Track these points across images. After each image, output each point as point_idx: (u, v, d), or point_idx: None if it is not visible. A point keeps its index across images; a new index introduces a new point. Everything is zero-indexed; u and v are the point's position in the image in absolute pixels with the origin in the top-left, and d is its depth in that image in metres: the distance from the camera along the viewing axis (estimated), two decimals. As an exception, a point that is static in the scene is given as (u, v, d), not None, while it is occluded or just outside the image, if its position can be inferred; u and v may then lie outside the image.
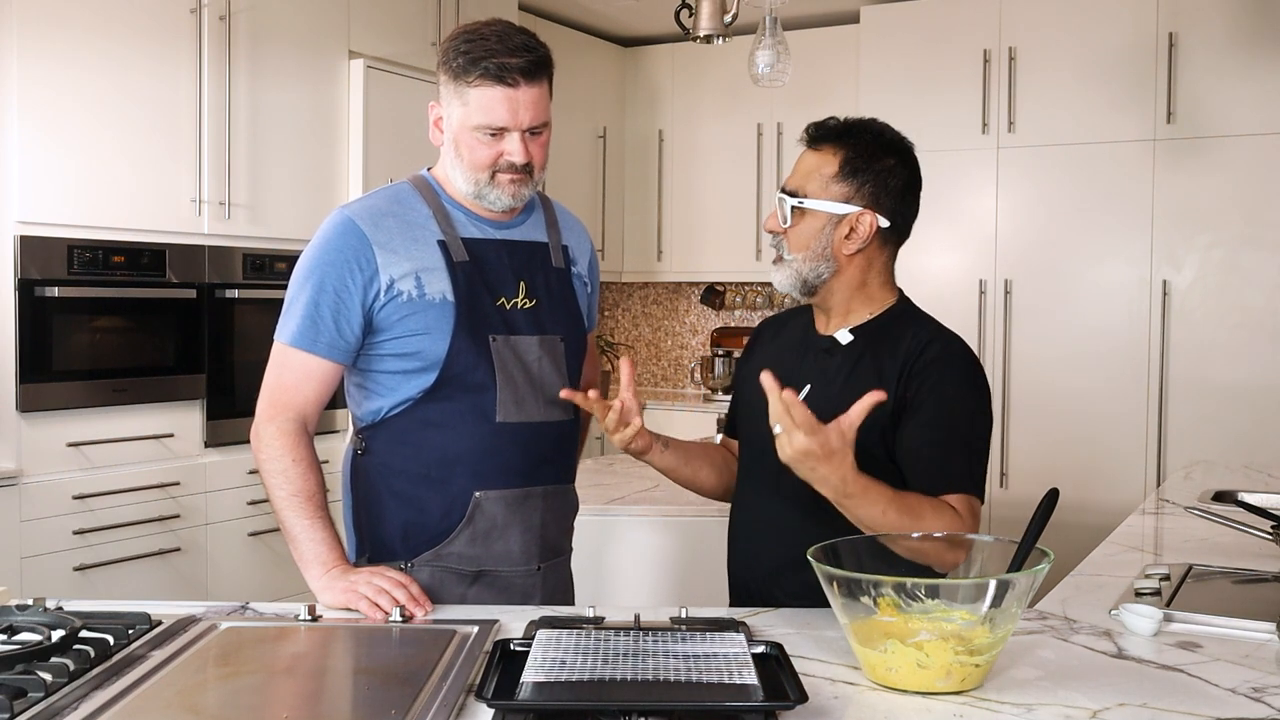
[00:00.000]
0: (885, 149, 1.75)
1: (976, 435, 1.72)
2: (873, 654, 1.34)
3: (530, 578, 1.87)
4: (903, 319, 1.79)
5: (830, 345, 1.80)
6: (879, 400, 1.55)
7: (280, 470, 1.77)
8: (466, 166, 1.81)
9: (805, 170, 1.77)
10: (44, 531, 3.31)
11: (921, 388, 1.70)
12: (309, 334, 1.78)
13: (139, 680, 1.30)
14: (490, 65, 1.75)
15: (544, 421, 1.86)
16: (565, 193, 5.57)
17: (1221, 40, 4.41)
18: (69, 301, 3.39)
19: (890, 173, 1.74)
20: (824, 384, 1.77)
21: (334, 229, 1.82)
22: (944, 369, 1.71)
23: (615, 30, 5.87)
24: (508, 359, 1.82)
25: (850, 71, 5.26)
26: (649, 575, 2.78)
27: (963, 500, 1.66)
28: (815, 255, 1.75)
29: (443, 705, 1.21)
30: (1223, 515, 2.05)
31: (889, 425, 1.69)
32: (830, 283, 1.77)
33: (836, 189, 1.73)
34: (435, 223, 1.84)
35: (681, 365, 6.32)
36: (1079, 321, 4.66)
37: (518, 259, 1.89)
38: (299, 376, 1.80)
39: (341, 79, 4.23)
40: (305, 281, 1.80)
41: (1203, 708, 1.28)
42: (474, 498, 1.82)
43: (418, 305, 1.79)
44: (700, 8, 3.48)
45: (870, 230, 1.74)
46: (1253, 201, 4.37)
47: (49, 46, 3.33)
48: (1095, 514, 3.83)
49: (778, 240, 1.79)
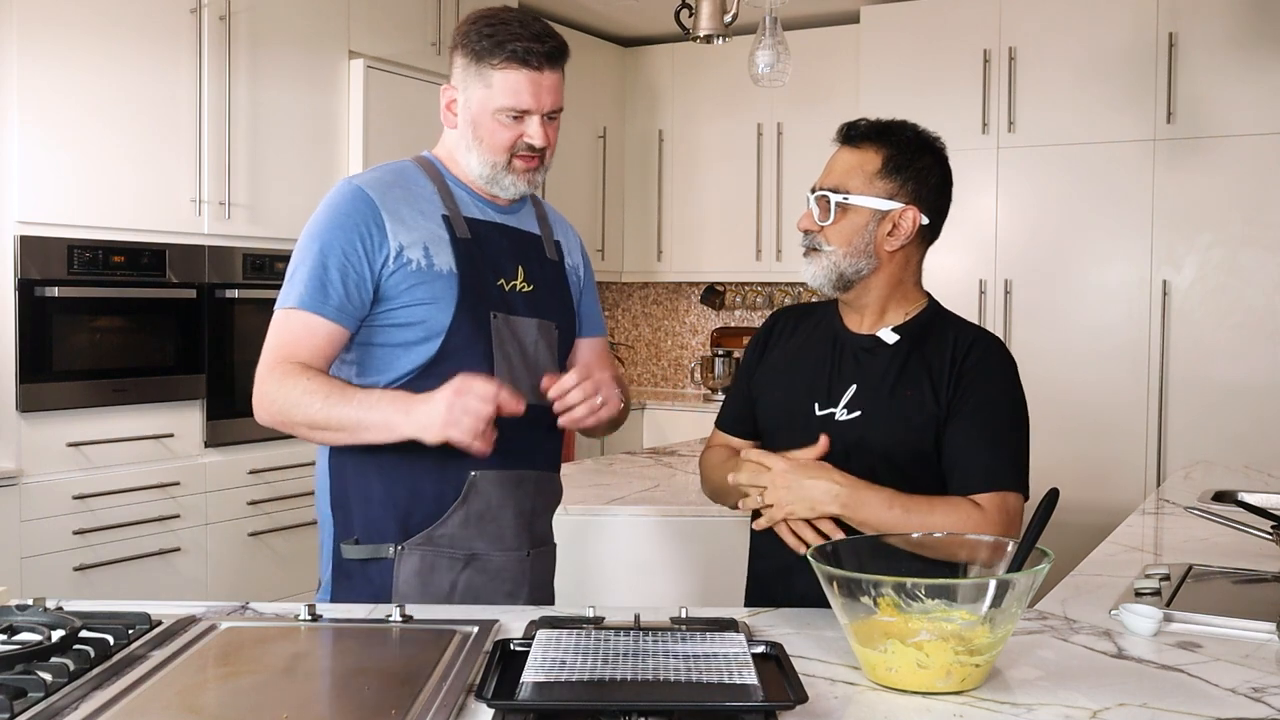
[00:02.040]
0: (923, 148, 1.78)
1: (1015, 433, 1.74)
2: (873, 654, 1.34)
3: (521, 564, 1.86)
4: (941, 319, 1.82)
5: (873, 344, 1.80)
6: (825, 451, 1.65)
7: (300, 394, 1.69)
8: (486, 149, 1.82)
9: (845, 168, 1.77)
10: (44, 531, 3.31)
11: (966, 390, 1.72)
12: (317, 296, 1.74)
13: (139, 680, 1.30)
14: (517, 48, 1.77)
15: (537, 405, 1.80)
16: (565, 192, 5.58)
17: (1221, 40, 4.41)
18: (69, 301, 3.39)
19: (929, 171, 1.77)
20: (871, 383, 1.77)
21: (342, 196, 1.80)
22: (988, 371, 1.74)
23: (615, 30, 5.87)
24: (506, 338, 1.82)
25: (850, 71, 5.27)
26: (649, 575, 2.78)
27: (994, 497, 1.67)
28: (857, 250, 1.75)
29: (443, 705, 1.21)
30: (1223, 515, 2.05)
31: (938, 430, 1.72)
32: (869, 279, 1.77)
33: (880, 185, 1.75)
34: (440, 198, 1.84)
35: (681, 365, 6.32)
36: (1079, 321, 4.66)
37: (516, 243, 1.90)
38: (301, 334, 1.75)
39: (341, 79, 4.23)
40: (312, 246, 1.77)
41: (1203, 708, 1.28)
42: (470, 476, 1.80)
43: (426, 275, 1.77)
44: (700, 8, 3.48)
45: (913, 227, 1.76)
46: (1253, 201, 4.37)
47: (49, 46, 3.33)
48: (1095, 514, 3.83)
49: (812, 237, 1.78)
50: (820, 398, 1.79)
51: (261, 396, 1.74)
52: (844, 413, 1.76)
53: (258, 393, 1.74)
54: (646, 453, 3.75)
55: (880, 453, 1.72)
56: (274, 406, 1.72)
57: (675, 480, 3.15)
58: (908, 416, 1.73)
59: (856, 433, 1.74)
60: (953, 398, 1.72)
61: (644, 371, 6.44)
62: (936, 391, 1.73)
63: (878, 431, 1.73)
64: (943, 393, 1.72)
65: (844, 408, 1.76)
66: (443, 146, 1.92)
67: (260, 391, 1.74)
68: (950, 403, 1.72)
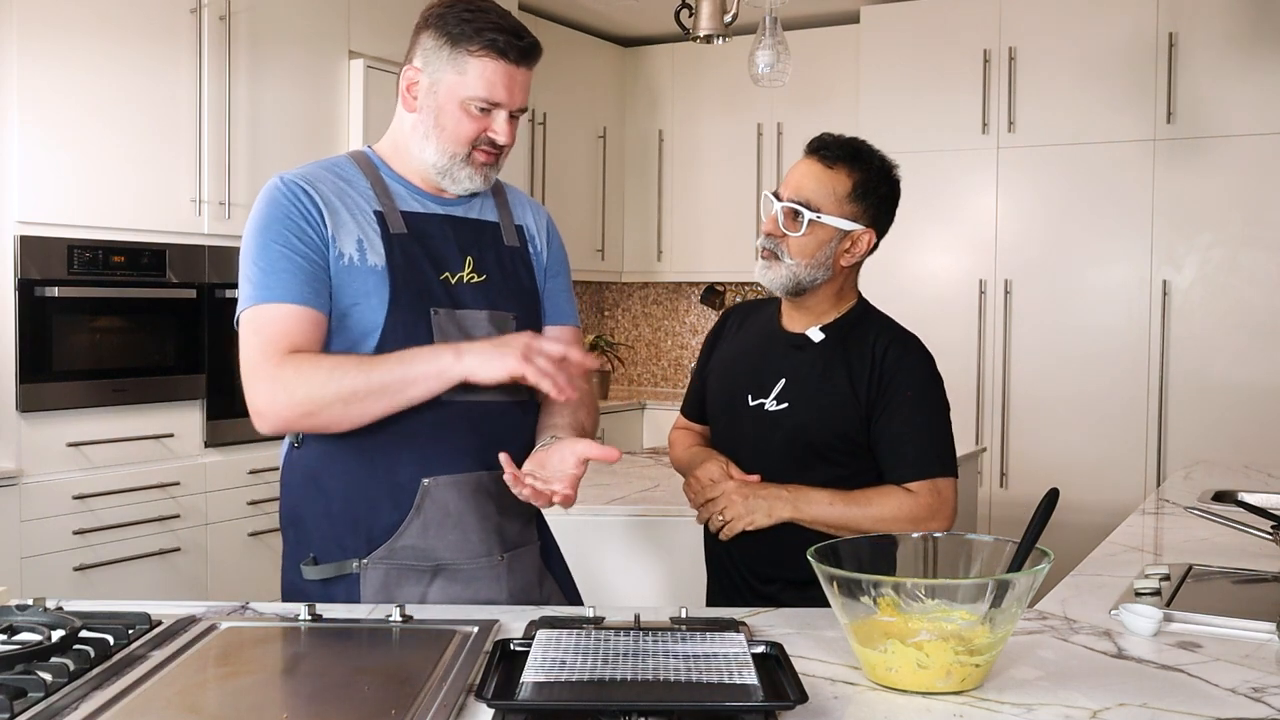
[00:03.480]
0: (885, 175, 1.94)
1: (936, 419, 1.93)
2: (873, 654, 1.34)
3: (494, 569, 1.76)
4: (866, 319, 1.99)
5: (802, 342, 1.98)
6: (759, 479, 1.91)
7: (327, 372, 1.61)
8: (447, 139, 1.74)
9: (816, 184, 1.90)
10: (44, 531, 3.31)
11: (887, 387, 1.90)
12: (275, 286, 1.66)
13: (139, 680, 1.30)
14: (498, 39, 1.71)
15: (495, 401, 1.76)
16: (565, 193, 5.58)
17: (1221, 40, 4.41)
18: (69, 301, 3.39)
19: (889, 198, 1.95)
20: (798, 378, 1.95)
21: (275, 191, 1.72)
22: (905, 366, 1.91)
23: (615, 30, 5.87)
24: (451, 333, 1.72)
25: (850, 71, 5.27)
26: (649, 575, 2.78)
27: (924, 484, 1.87)
28: (816, 264, 1.91)
29: (443, 705, 1.21)
30: (1223, 515, 2.05)
31: (862, 423, 1.90)
32: (820, 288, 1.94)
33: (848, 208, 1.90)
34: (374, 194, 1.76)
35: (681, 365, 6.32)
36: (1079, 321, 4.66)
37: (464, 234, 1.81)
38: (280, 328, 1.66)
39: (341, 79, 4.24)
40: (256, 242, 1.69)
41: (1203, 708, 1.28)
42: (422, 485, 1.71)
43: (358, 271, 1.70)
44: (700, 8, 3.48)
45: (867, 247, 1.94)
46: (1253, 201, 4.37)
47: (49, 46, 3.34)
48: (1095, 514, 3.83)
49: (774, 242, 1.92)
50: (753, 390, 1.98)
51: (276, 391, 1.63)
52: (774, 403, 1.95)
53: (266, 391, 1.64)
54: (646, 453, 3.75)
55: (806, 440, 1.92)
56: (298, 394, 1.62)
57: (675, 480, 3.14)
58: (829, 407, 1.91)
59: (785, 422, 1.93)
60: (875, 394, 1.90)
61: (644, 371, 6.44)
62: (855, 385, 1.90)
63: (803, 421, 1.92)
64: (861, 388, 1.90)
65: (774, 399, 1.95)
66: (388, 139, 1.83)
67: (271, 388, 1.64)
68: (872, 399, 1.90)
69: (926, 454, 1.89)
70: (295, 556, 1.77)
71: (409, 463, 1.71)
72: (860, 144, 1.93)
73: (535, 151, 5.39)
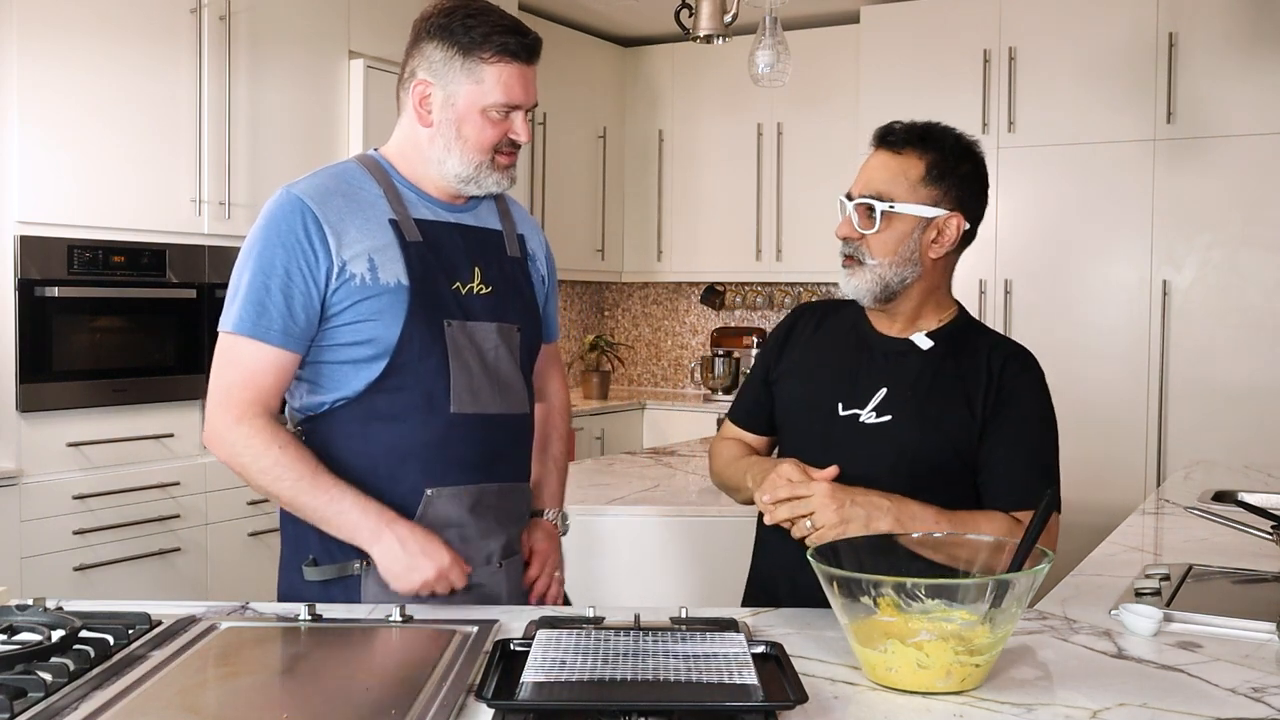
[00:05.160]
0: (964, 153, 1.75)
1: (1051, 450, 1.77)
2: (873, 654, 1.34)
3: (493, 576, 1.78)
4: (973, 329, 1.82)
5: (906, 348, 1.78)
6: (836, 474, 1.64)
7: (271, 463, 1.65)
8: (471, 149, 1.73)
9: (887, 174, 1.73)
10: (44, 531, 3.31)
11: (1004, 406, 1.73)
12: (260, 320, 1.66)
13: (139, 680, 1.30)
14: (509, 41, 1.70)
15: (499, 414, 1.76)
16: (565, 193, 5.58)
17: (1221, 40, 4.41)
18: (69, 301, 3.39)
19: (971, 176, 1.75)
20: (901, 387, 1.75)
21: (280, 208, 1.69)
22: (1026, 387, 1.76)
23: (615, 30, 5.87)
24: (463, 345, 1.73)
25: (850, 71, 5.27)
26: (648, 575, 2.78)
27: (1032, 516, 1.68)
28: (902, 259, 1.72)
29: (443, 705, 1.21)
30: (1223, 515, 2.04)
31: (972, 441, 1.73)
32: (912, 288, 1.75)
33: (925, 192, 1.72)
34: (386, 201, 1.74)
35: (681, 365, 6.32)
36: (1079, 321, 4.66)
37: (471, 243, 1.80)
38: (254, 370, 1.67)
39: (341, 79, 4.23)
40: (252, 264, 1.68)
41: (1203, 708, 1.28)
42: (425, 495, 1.72)
43: (370, 289, 1.68)
44: (700, 8, 3.48)
45: (957, 233, 1.74)
46: (1252, 201, 4.37)
47: (49, 47, 3.33)
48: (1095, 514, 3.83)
49: (853, 246, 1.74)
50: (844, 398, 1.78)
51: (221, 442, 1.68)
52: (871, 415, 1.75)
53: (218, 436, 1.68)
54: (647, 453, 3.75)
55: (909, 457, 1.72)
56: (239, 459, 1.67)
57: (675, 480, 3.15)
58: (939, 424, 1.72)
59: (889, 436, 1.73)
60: (990, 413, 1.72)
61: (644, 371, 6.44)
62: (971, 403, 1.72)
63: (907, 436, 1.72)
64: (978, 406, 1.72)
65: (872, 410, 1.75)
66: (395, 146, 1.81)
67: (222, 438, 1.68)
68: (986, 417, 1.72)
69: (1038, 483, 1.67)
70: (294, 558, 1.78)
71: (413, 472, 1.72)
72: (931, 125, 1.76)
73: (535, 151, 5.38)
